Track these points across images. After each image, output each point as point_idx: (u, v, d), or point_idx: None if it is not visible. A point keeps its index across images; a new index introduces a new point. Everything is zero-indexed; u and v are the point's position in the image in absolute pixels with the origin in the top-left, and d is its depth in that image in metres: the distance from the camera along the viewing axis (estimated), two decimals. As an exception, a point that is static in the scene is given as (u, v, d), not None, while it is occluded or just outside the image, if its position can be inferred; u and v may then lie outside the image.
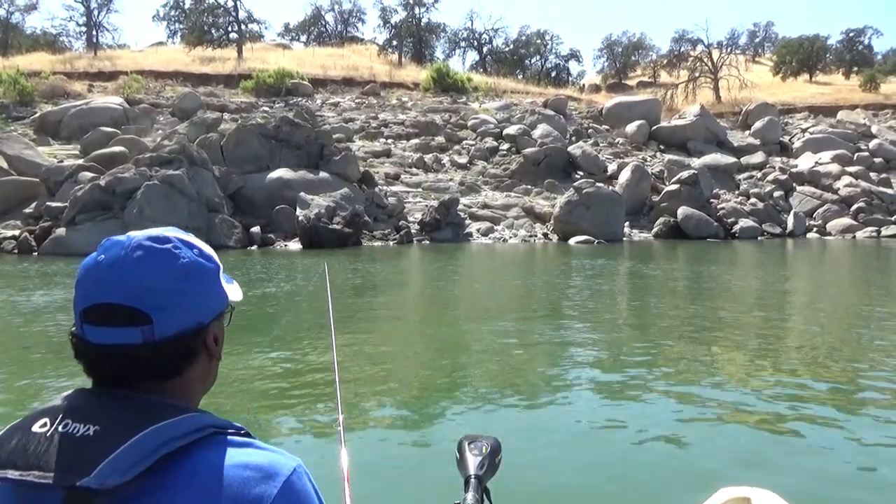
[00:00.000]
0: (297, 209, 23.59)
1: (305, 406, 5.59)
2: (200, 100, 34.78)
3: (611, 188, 28.46)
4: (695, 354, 7.55)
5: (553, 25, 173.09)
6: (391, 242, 24.78)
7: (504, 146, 34.06)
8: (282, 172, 25.79)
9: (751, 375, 6.61)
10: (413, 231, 25.89)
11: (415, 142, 33.97)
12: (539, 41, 60.16)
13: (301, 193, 24.11)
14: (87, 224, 20.77)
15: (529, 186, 30.67)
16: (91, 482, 0.79)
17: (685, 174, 29.99)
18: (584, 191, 26.55)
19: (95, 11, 53.37)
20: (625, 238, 27.40)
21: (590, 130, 38.00)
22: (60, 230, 21.29)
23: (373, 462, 4.29)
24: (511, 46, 60.06)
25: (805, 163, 34.10)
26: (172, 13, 53.99)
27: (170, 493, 0.82)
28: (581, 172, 31.69)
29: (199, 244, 1.01)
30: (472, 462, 1.43)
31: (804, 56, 52.67)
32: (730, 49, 53.58)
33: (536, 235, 27.25)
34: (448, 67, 46.28)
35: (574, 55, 63.30)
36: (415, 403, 5.80)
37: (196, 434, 0.86)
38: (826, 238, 29.24)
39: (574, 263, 18.64)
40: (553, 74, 58.95)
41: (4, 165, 24.90)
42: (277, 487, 0.86)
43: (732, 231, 28.88)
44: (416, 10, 55.58)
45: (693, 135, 36.28)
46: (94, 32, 53.10)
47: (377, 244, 24.43)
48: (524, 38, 60.13)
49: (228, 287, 1.04)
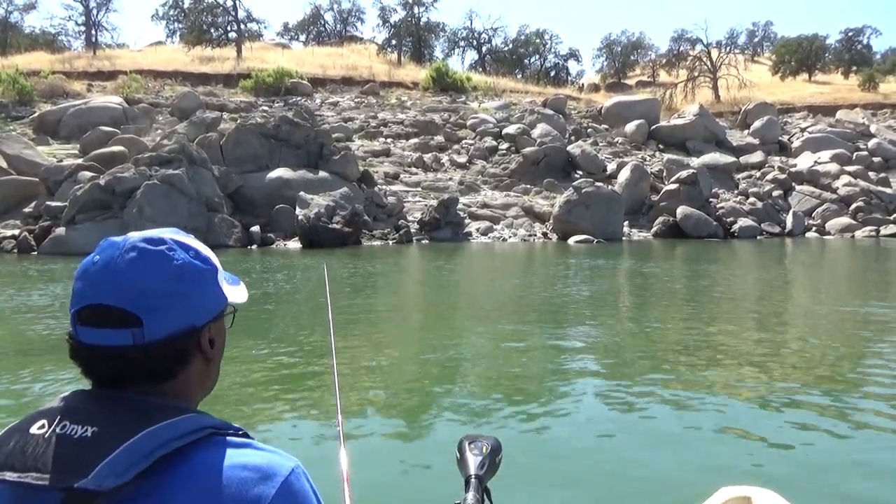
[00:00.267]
0: (297, 208, 23.59)
1: (304, 407, 5.59)
2: (200, 99, 34.75)
3: (610, 188, 28.46)
4: (695, 354, 7.55)
5: (552, 25, 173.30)
6: (391, 242, 24.78)
7: (503, 146, 34.05)
8: (281, 172, 25.79)
9: (751, 375, 6.61)
10: (412, 230, 25.89)
11: (414, 141, 33.96)
12: (538, 41, 60.10)
13: (300, 193, 24.12)
14: (87, 224, 20.77)
15: (529, 186, 30.67)
16: (89, 484, 0.79)
17: (684, 174, 30.00)
18: (584, 190, 26.55)
19: (94, 11, 53.40)
20: (624, 237, 27.41)
21: (589, 130, 37.99)
22: (60, 230, 21.28)
23: (373, 462, 4.29)
24: (510, 46, 60.01)
25: (804, 162, 34.10)
26: (171, 13, 53.96)
27: (168, 494, 0.82)
28: (580, 172, 31.68)
29: (197, 245, 0.99)
30: (473, 462, 1.44)
31: (803, 55, 52.68)
32: (729, 48, 53.58)
33: (536, 235, 27.25)
34: (447, 67, 46.25)
35: (573, 55, 63.30)
36: (415, 404, 5.80)
37: (194, 435, 0.86)
38: (825, 237, 29.25)
39: (573, 263, 18.64)
40: (552, 74, 58.91)
41: (4, 165, 24.89)
42: (276, 488, 0.85)
43: (731, 230, 28.88)
44: (416, 10, 55.58)
45: (692, 134, 36.27)
46: (93, 32, 53.09)
47: (377, 244, 24.43)
48: (523, 38, 60.06)
49: (231, 289, 1.03)
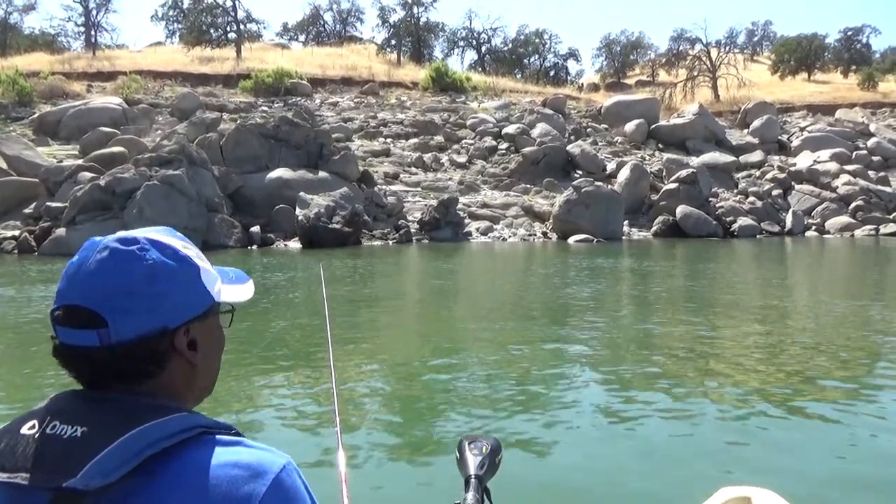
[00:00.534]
0: (297, 209, 23.59)
1: (303, 407, 5.57)
2: (199, 100, 34.73)
3: (610, 187, 28.45)
4: (695, 354, 7.55)
5: (551, 24, 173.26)
6: (391, 242, 24.79)
7: (503, 145, 34.04)
8: (281, 172, 25.80)
9: (751, 374, 6.61)
10: (412, 230, 25.89)
11: (414, 141, 33.96)
12: (537, 40, 60.08)
13: (300, 193, 24.12)
14: (87, 224, 20.76)
15: (528, 185, 30.67)
16: (77, 483, 0.79)
17: (684, 173, 29.99)
18: (583, 190, 26.55)
19: (94, 11, 53.36)
20: (624, 237, 27.41)
21: (588, 129, 37.96)
22: (60, 230, 21.29)
23: (371, 463, 4.29)
24: (510, 46, 60.00)
25: (803, 161, 34.09)
26: (171, 13, 53.92)
27: (157, 494, 0.82)
28: (580, 171, 31.67)
29: (176, 244, 0.96)
30: (473, 462, 1.44)
31: (802, 55, 52.67)
32: (728, 48, 53.61)
33: (535, 234, 27.25)
34: (447, 67, 46.23)
35: (572, 54, 63.35)
36: (414, 404, 5.80)
37: (183, 434, 0.85)
38: (825, 236, 29.25)
39: (573, 263, 18.64)
40: (552, 73, 58.92)
41: (4, 166, 24.89)
42: (266, 485, 0.84)
43: (731, 230, 28.87)
44: (415, 10, 55.57)
45: (692, 133, 36.26)
46: (93, 32, 53.04)
47: (377, 243, 24.43)
48: (523, 38, 60.04)
49: (230, 287, 1.02)
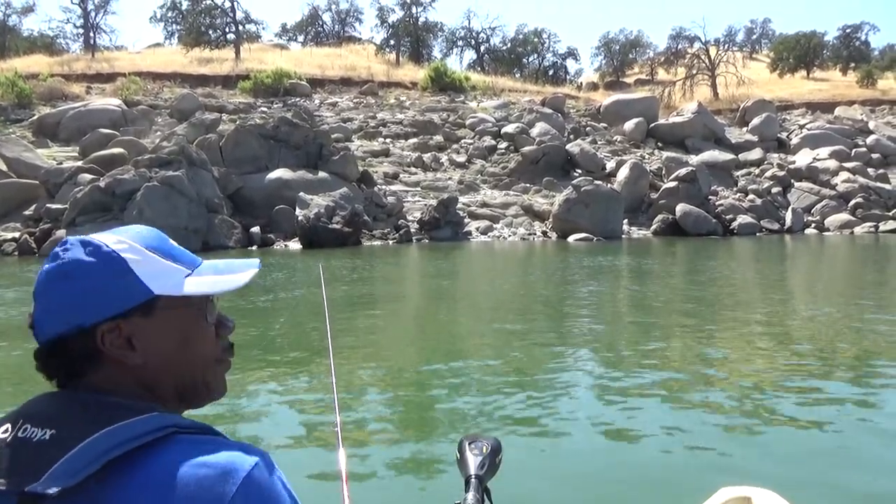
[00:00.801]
0: (297, 209, 23.59)
1: (302, 408, 5.57)
2: (198, 101, 34.70)
3: (609, 186, 28.45)
4: (695, 353, 7.56)
5: (550, 24, 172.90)
6: (390, 242, 24.79)
7: (502, 145, 34.04)
8: (281, 172, 25.80)
9: (752, 374, 6.61)
10: (412, 230, 25.90)
11: (413, 141, 33.95)
12: (536, 40, 60.07)
13: (300, 193, 24.12)
14: (88, 225, 20.74)
15: (528, 185, 30.67)
16: (39, 487, 0.78)
17: (683, 171, 29.99)
18: (583, 189, 26.56)
19: (93, 13, 53.28)
20: (623, 235, 27.42)
21: (588, 128, 37.95)
22: (60, 232, 21.27)
23: (372, 463, 4.29)
24: (508, 45, 59.96)
25: (803, 159, 34.09)
26: (169, 14, 53.86)
27: (124, 496, 0.80)
28: (579, 170, 31.65)
29: (107, 240, 0.92)
30: (473, 462, 1.44)
31: (801, 52, 52.66)
32: (727, 46, 53.55)
33: (535, 233, 27.26)
34: (446, 66, 46.18)
35: (571, 53, 63.27)
36: (414, 403, 5.80)
37: (153, 434, 0.83)
38: (824, 234, 29.26)
39: (573, 261, 18.65)
40: (550, 73, 58.89)
41: (4, 168, 24.90)
42: (236, 485, 0.80)
43: (731, 227, 28.87)
44: (414, 10, 55.51)
45: (691, 132, 36.25)
46: (92, 34, 52.97)
47: (377, 243, 24.44)
48: (521, 37, 60.01)
49: (208, 279, 0.96)
